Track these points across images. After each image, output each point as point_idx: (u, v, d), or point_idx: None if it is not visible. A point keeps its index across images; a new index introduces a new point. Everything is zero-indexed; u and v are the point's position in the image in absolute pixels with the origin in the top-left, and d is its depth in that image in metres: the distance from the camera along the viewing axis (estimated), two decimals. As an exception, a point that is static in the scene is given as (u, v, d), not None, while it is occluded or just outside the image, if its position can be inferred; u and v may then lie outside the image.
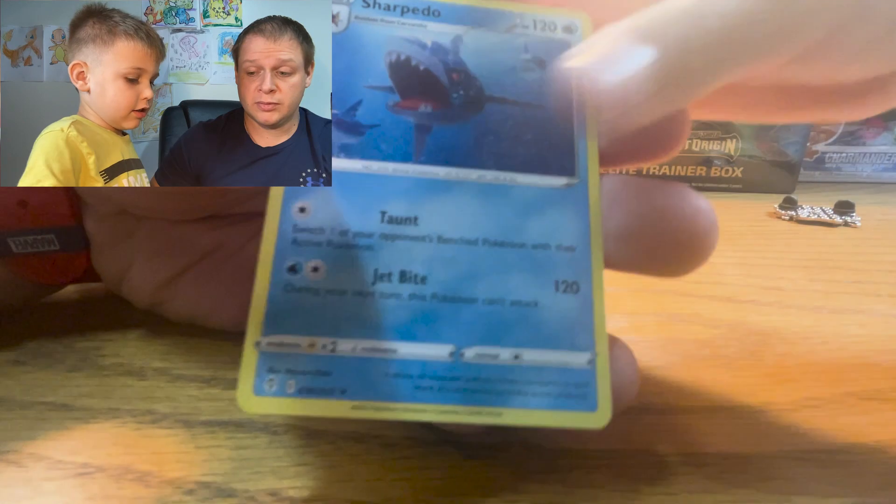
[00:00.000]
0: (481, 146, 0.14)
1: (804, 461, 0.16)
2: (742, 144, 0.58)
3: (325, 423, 0.18)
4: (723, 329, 0.24)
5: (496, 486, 0.15)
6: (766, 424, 0.18)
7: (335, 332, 0.13)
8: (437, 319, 0.13)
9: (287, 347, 0.13)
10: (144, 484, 0.16)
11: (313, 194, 0.14)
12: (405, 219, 0.14)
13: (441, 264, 0.13)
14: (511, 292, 0.14)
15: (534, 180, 0.14)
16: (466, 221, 0.14)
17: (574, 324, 0.14)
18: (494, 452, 0.17)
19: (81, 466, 0.16)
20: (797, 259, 0.34)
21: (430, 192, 0.14)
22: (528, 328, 0.13)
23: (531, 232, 0.14)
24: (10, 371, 0.21)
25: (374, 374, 0.13)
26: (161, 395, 0.19)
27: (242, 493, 0.15)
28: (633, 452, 0.17)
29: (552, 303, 0.14)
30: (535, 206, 0.14)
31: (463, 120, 0.14)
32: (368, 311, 0.13)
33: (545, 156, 0.14)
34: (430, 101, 0.14)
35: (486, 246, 0.14)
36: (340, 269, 0.13)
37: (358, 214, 0.14)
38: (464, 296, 0.13)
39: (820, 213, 0.46)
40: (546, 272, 0.14)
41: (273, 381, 0.13)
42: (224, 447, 0.17)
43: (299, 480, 0.16)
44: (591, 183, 0.14)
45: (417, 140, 0.14)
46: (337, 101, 0.15)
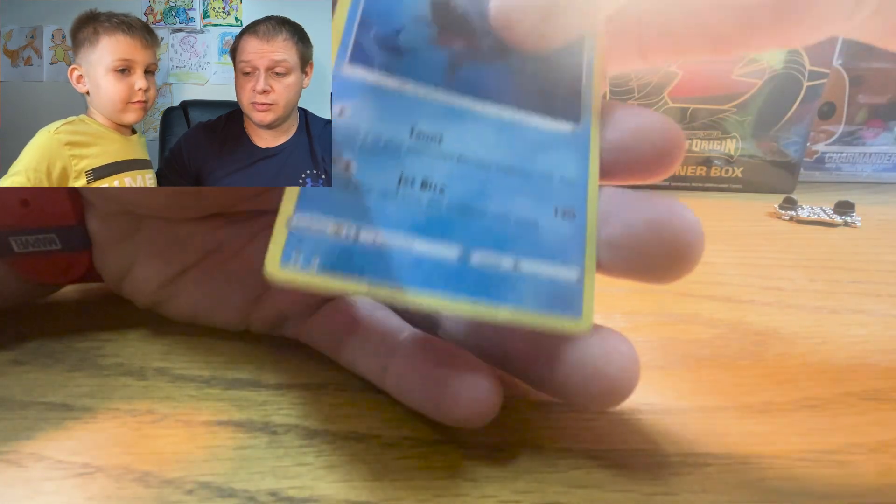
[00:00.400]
0: (503, 86, 0.16)
1: (804, 461, 0.16)
2: (742, 144, 0.58)
3: (325, 422, 0.18)
4: (723, 329, 0.24)
5: (496, 486, 0.15)
6: (765, 424, 0.18)
7: (359, 221, 0.14)
8: (450, 224, 0.15)
9: (315, 227, 0.14)
10: (144, 484, 0.16)
11: (353, 99, 0.15)
12: (431, 136, 0.15)
13: (458, 179, 0.15)
14: (515, 211, 0.15)
15: (544, 122, 0.16)
16: (483, 147, 0.16)
17: (567, 244, 0.15)
18: (494, 452, 0.17)
19: (81, 466, 0.16)
20: (797, 259, 0.34)
21: (455, 118, 0.16)
22: (528, 243, 0.15)
23: (538, 164, 0.16)
24: (10, 371, 0.21)
25: (390, 263, 0.14)
26: (161, 395, 0.19)
27: (242, 493, 0.15)
28: (633, 452, 0.17)
29: (550, 224, 0.15)
30: (544, 143, 0.16)
31: (490, 61, 0.16)
32: (391, 209, 0.15)
33: (556, 103, 0.16)
34: (464, 40, 0.16)
35: (497, 170, 0.16)
36: (370, 169, 0.15)
37: (390, 125, 0.15)
38: (475, 208, 0.15)
39: (820, 213, 0.46)
40: (547, 198, 0.16)
41: (299, 255, 0.14)
42: (224, 447, 0.17)
43: (299, 480, 0.16)
44: (593, 129, 0.16)
45: (448, 71, 0.16)
46: (381, 23, 0.16)
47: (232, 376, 0.20)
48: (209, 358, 0.21)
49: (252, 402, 0.19)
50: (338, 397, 0.19)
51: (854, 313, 0.26)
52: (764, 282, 0.30)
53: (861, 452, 0.17)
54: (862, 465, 0.16)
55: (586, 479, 0.16)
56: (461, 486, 0.15)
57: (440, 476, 0.16)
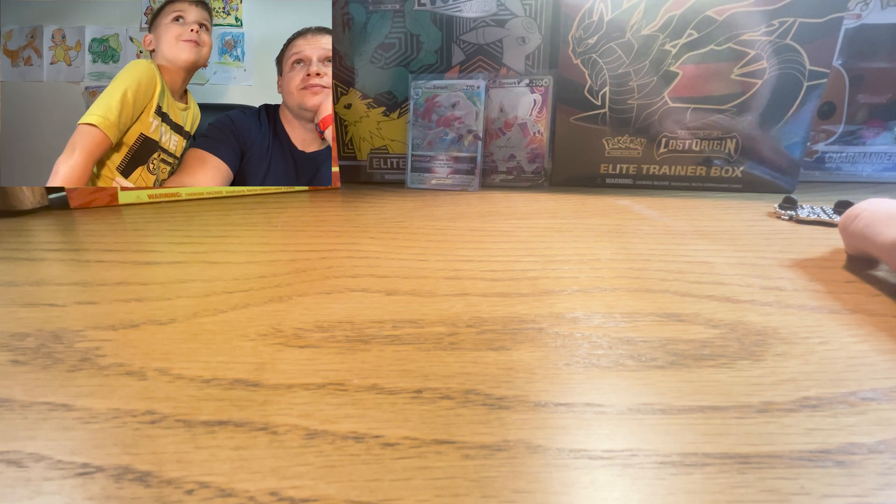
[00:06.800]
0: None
1: (804, 461, 0.16)
2: (742, 144, 0.58)
3: (325, 423, 0.18)
4: (723, 329, 0.24)
5: (496, 486, 0.15)
6: (766, 424, 0.18)
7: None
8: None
9: None
10: (144, 484, 0.16)
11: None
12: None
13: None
14: None
15: None
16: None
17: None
18: (494, 452, 0.17)
19: (81, 466, 0.16)
20: (797, 259, 0.34)
21: None
22: None
23: None
24: (10, 371, 0.21)
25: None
26: (161, 395, 0.19)
27: (242, 493, 0.15)
28: (633, 452, 0.17)
29: None
30: None
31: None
32: None
33: None
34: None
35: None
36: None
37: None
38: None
39: (820, 213, 0.45)
40: None
41: None
42: (224, 447, 0.17)
43: (299, 480, 0.16)
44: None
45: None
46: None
47: (232, 376, 0.20)
48: (209, 358, 0.21)
49: (252, 402, 0.19)
50: (338, 397, 0.19)
51: (853, 313, 0.26)
52: (764, 282, 0.30)
53: (861, 452, 0.17)
54: (862, 465, 0.16)
55: (586, 479, 0.16)
56: (461, 486, 0.15)
57: (440, 476, 0.16)
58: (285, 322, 0.26)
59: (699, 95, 0.57)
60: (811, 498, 0.15)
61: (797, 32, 0.53)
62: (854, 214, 0.32)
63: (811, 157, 0.64)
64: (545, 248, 0.38)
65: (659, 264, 0.34)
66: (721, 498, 0.15)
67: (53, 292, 0.30)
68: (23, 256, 0.38)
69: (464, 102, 0.63)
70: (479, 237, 0.41)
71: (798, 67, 0.54)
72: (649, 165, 0.61)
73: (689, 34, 0.56)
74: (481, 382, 0.20)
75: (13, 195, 0.51)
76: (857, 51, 0.59)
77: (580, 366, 0.21)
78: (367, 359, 0.22)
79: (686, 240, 0.39)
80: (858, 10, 0.57)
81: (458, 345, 0.23)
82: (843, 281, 0.30)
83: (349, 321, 0.26)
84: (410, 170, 0.65)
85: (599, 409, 0.19)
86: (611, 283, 0.31)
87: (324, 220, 0.47)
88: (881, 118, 0.60)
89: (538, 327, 0.25)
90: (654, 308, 0.27)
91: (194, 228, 0.45)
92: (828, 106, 0.61)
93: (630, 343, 0.23)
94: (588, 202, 0.55)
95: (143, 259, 0.37)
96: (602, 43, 0.58)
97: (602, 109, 0.60)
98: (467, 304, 0.28)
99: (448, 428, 0.18)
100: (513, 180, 0.65)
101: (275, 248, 0.39)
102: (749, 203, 0.54)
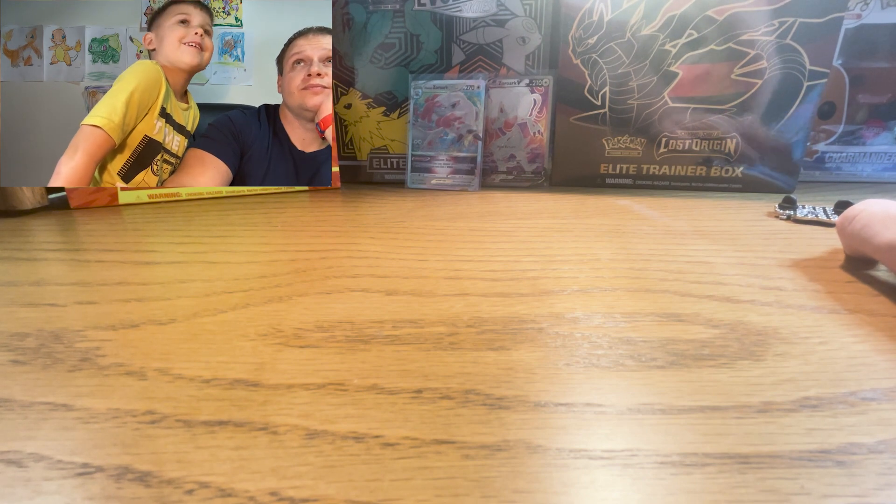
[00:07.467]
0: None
1: (804, 461, 0.16)
2: (742, 144, 0.58)
3: (325, 423, 0.18)
4: (723, 329, 0.24)
5: (496, 486, 0.15)
6: (766, 424, 0.18)
7: None
8: None
9: None
10: (144, 484, 0.16)
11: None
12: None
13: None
14: None
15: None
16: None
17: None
18: (494, 452, 0.17)
19: (81, 466, 0.16)
20: (797, 259, 0.34)
21: None
22: None
23: None
24: (10, 371, 0.21)
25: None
26: (161, 395, 0.19)
27: (242, 493, 0.15)
28: (633, 452, 0.17)
29: None
30: None
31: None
32: None
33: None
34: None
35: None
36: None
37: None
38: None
39: (819, 213, 0.45)
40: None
41: None
42: (224, 447, 0.17)
43: (299, 480, 0.16)
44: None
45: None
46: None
47: (232, 376, 0.20)
48: (209, 358, 0.21)
49: (252, 402, 0.19)
50: (338, 397, 0.19)
51: (853, 313, 0.26)
52: (764, 282, 0.30)
53: (861, 452, 0.17)
54: (862, 465, 0.16)
55: (586, 479, 0.16)
56: (461, 486, 0.15)
57: (440, 476, 0.16)
58: (285, 322, 0.26)
59: (699, 95, 0.57)
60: (811, 498, 0.15)
61: (797, 32, 0.53)
62: (851, 216, 0.32)
63: (811, 157, 0.64)
64: (545, 248, 0.38)
65: (659, 264, 0.34)
66: (721, 498, 0.15)
67: (53, 292, 0.30)
68: (23, 256, 0.38)
69: (464, 102, 0.63)
70: (479, 237, 0.41)
71: (798, 67, 0.54)
72: (649, 165, 0.61)
73: (689, 34, 0.56)
74: (481, 382, 0.20)
75: (13, 195, 0.51)
76: (857, 51, 0.59)
77: (580, 366, 0.21)
78: (367, 359, 0.22)
79: (686, 240, 0.39)
80: (858, 10, 0.57)
81: (458, 345, 0.23)
82: (843, 281, 0.30)
83: (349, 321, 0.26)
84: (410, 170, 0.65)
85: (599, 409, 0.19)
86: (611, 283, 0.31)
87: (324, 220, 0.47)
88: (881, 118, 0.60)
89: (538, 327, 0.25)
90: (654, 308, 0.27)
91: (194, 228, 0.45)
92: (828, 106, 0.61)
93: (630, 343, 0.23)
94: (588, 202, 0.55)
95: (143, 259, 0.37)
96: (602, 43, 0.58)
97: (602, 109, 0.60)
98: (467, 304, 0.28)
99: (448, 428, 0.18)
100: (513, 180, 0.65)
101: (275, 248, 0.39)
102: (749, 203, 0.54)
